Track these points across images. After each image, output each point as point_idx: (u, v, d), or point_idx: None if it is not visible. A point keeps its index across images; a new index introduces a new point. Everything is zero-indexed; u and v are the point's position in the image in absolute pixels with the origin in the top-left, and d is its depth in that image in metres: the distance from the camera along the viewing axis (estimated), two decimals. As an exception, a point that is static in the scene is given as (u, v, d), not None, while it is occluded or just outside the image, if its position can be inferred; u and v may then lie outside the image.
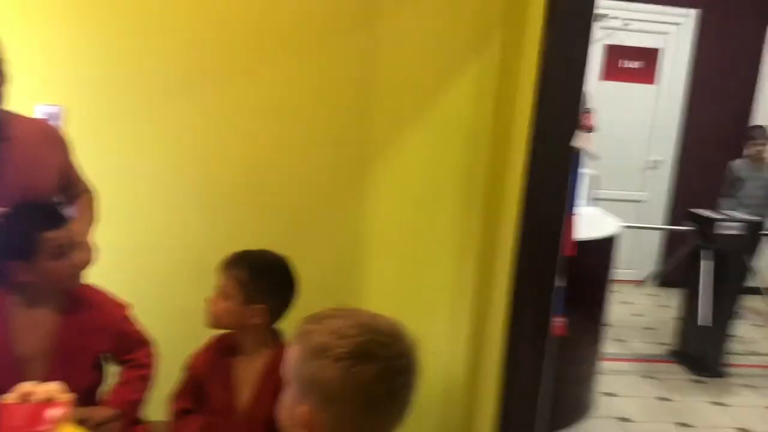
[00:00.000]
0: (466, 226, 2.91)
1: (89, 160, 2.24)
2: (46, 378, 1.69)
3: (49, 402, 1.53)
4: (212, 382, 1.74)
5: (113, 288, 2.05)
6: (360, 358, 1.01)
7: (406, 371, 1.05)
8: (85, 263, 1.84)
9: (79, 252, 1.82)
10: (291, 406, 1.07)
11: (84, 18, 2.63)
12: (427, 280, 2.95)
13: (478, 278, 2.93)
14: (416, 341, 1.09)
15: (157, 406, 1.90)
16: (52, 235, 1.75)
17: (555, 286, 2.38)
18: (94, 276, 2.01)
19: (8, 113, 1.95)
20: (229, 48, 2.72)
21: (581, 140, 2.30)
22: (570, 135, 2.29)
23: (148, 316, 2.07)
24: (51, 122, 2.10)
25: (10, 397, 1.53)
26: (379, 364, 1.02)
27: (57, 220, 1.80)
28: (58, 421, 1.42)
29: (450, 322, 2.99)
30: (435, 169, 2.87)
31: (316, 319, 1.08)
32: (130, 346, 1.91)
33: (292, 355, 1.07)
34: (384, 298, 2.91)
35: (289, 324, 1.82)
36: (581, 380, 3.63)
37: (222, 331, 1.81)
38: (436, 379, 2.95)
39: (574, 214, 2.42)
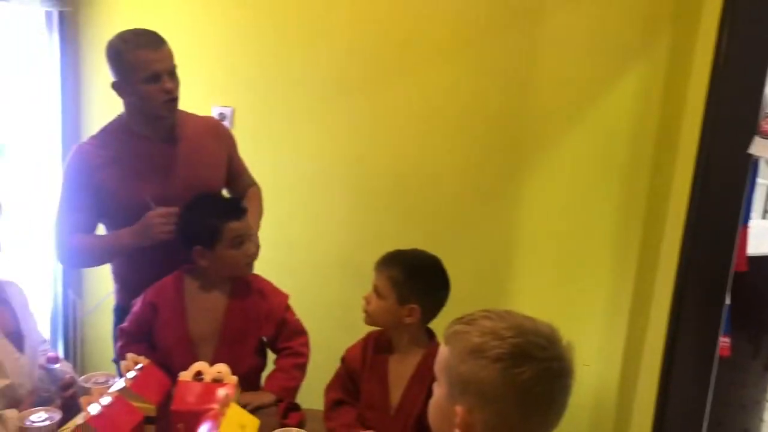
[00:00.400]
0: (626, 234, 2.78)
1: (253, 159, 2.38)
2: (214, 359, 1.84)
3: (218, 382, 1.66)
4: (367, 377, 1.78)
5: (272, 278, 2.16)
6: (518, 359, 1.00)
7: (564, 375, 1.03)
8: (256, 254, 1.97)
9: (250, 244, 1.94)
10: (443, 406, 1.07)
11: (253, 28, 2.81)
12: (581, 289, 2.85)
13: (636, 289, 2.78)
14: (571, 346, 1.06)
15: (307, 395, 1.98)
16: (234, 225, 1.89)
17: (723, 304, 2.22)
18: (256, 266, 2.14)
19: (181, 112, 2.10)
20: (385, 52, 2.79)
21: (759, 147, 2.12)
22: (747, 141, 2.12)
23: (301, 308, 2.17)
24: (218, 118, 2.25)
25: (185, 375, 1.68)
26: (537, 365, 1.00)
27: (239, 211, 1.94)
28: (225, 401, 1.53)
29: (604, 335, 2.86)
30: (593, 172, 2.77)
31: (468, 320, 1.07)
32: (288, 335, 2.00)
33: (444, 356, 1.07)
34: (535, 305, 2.84)
35: (439, 324, 1.84)
36: (747, 406, 3.33)
37: (377, 328, 1.85)
38: (587, 392, 2.84)
39: (747, 227, 2.24)
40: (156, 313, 1.93)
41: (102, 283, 2.93)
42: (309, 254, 2.94)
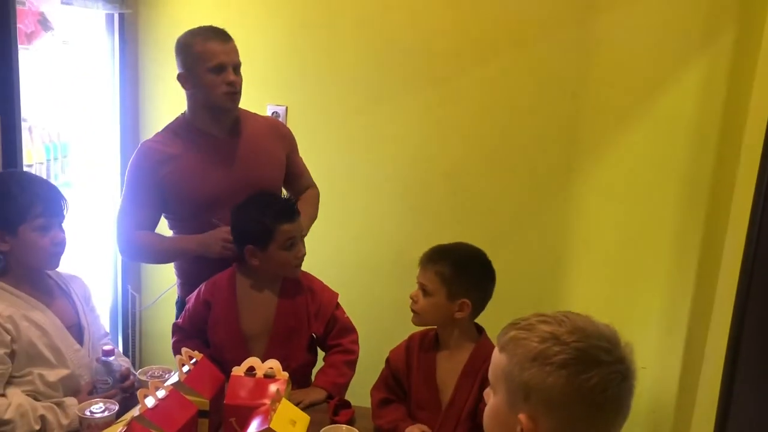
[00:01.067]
0: (686, 234, 2.70)
1: (305, 156, 2.40)
2: (266, 355, 1.85)
3: (270, 378, 1.68)
4: (415, 378, 1.76)
5: (323, 276, 2.18)
6: (584, 365, 0.97)
7: (629, 377, 1.00)
8: (304, 256, 1.98)
9: (301, 245, 1.96)
10: (502, 414, 1.04)
11: (306, 28, 2.84)
12: (639, 290, 2.77)
13: (697, 290, 2.69)
14: (630, 346, 1.03)
15: (357, 393, 1.99)
16: (286, 227, 1.90)
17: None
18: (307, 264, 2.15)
19: (242, 111, 2.17)
20: (438, 49, 2.77)
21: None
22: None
23: (352, 305, 2.18)
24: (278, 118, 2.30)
25: (238, 370, 1.70)
26: (604, 370, 0.97)
27: (292, 213, 1.95)
28: (276, 397, 1.54)
29: (662, 336, 2.79)
30: (652, 171, 2.69)
31: (524, 325, 1.03)
32: (339, 332, 2.01)
33: (501, 363, 1.04)
34: (590, 305, 2.78)
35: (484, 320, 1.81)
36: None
37: (420, 328, 1.83)
38: (644, 395, 2.77)
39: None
40: (209, 310, 1.97)
41: (160, 278, 3.01)
42: (361, 252, 2.95)
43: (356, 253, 2.95)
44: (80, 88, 2.77)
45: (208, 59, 1.99)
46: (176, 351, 1.91)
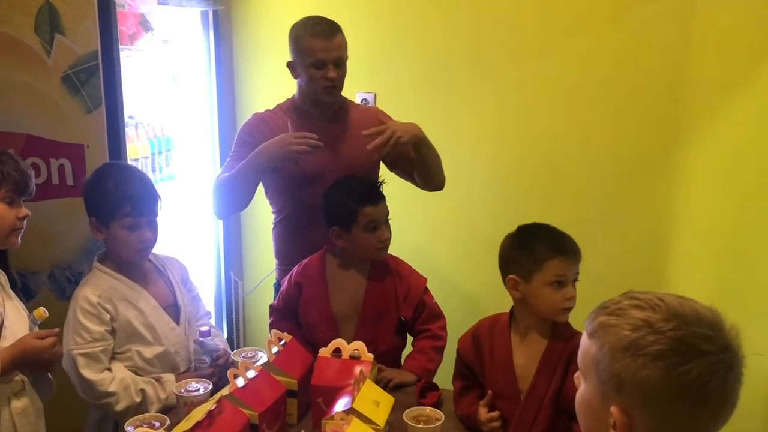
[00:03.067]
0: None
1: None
2: (355, 337, 1.88)
3: (355, 359, 1.70)
4: (488, 367, 1.71)
5: (413, 260, 2.18)
6: (683, 356, 0.88)
7: (736, 365, 0.90)
8: (389, 239, 1.99)
9: (385, 229, 1.97)
10: (593, 405, 0.96)
11: (394, 14, 2.83)
12: (750, 274, 2.56)
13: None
14: (736, 329, 0.93)
15: (443, 377, 1.97)
16: (369, 210, 1.94)
17: None
18: (398, 249, 2.16)
19: (345, 99, 2.28)
20: (527, 27, 2.69)
21: None
22: None
23: (441, 290, 2.17)
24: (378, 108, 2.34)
25: (325, 352, 1.73)
26: (706, 360, 0.88)
27: (376, 197, 1.98)
28: (360, 378, 1.56)
29: None
30: (761, 145, 2.48)
31: (614, 309, 0.95)
32: (427, 317, 2.00)
33: (590, 351, 0.96)
34: (698, 292, 2.61)
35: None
36: None
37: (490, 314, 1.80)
38: (760, 384, 2.57)
39: None
40: (301, 291, 2.02)
41: (262, 264, 3.11)
42: (452, 236, 2.92)
43: (448, 236, 2.92)
44: (181, 84, 2.91)
45: (309, 55, 2.09)
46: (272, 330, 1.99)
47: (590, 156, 2.71)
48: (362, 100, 2.86)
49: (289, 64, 2.18)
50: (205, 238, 3.11)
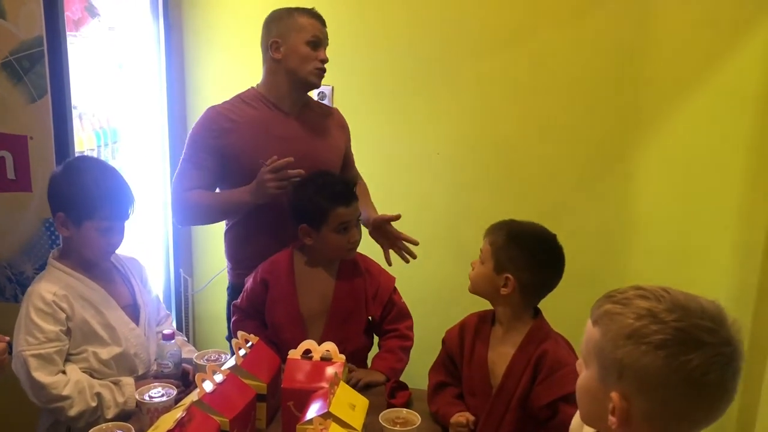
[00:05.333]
0: (752, 213, 2.57)
1: (355, 137, 2.35)
2: (324, 337, 1.83)
3: (326, 361, 1.65)
4: (466, 364, 1.70)
5: (374, 256, 2.14)
6: (685, 346, 0.90)
7: (736, 358, 0.93)
8: (358, 241, 1.94)
9: (356, 230, 1.92)
10: (594, 390, 0.99)
11: (353, 8, 2.80)
12: (700, 275, 2.66)
13: (764, 267, 2.56)
14: (738, 324, 0.95)
15: (410, 374, 1.96)
16: (342, 210, 1.87)
17: None
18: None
19: (310, 98, 2.24)
20: (488, 23, 2.69)
21: None
22: None
23: (404, 285, 2.14)
24: (318, 98, 2.32)
25: (295, 353, 1.68)
26: (707, 352, 0.90)
27: (350, 198, 1.91)
28: (335, 380, 1.52)
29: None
30: (715, 144, 2.57)
31: (620, 299, 0.98)
32: (395, 317, 1.98)
33: (594, 337, 0.99)
34: (649, 281, 2.69)
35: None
36: None
37: (477, 311, 1.77)
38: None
39: None
40: (267, 289, 1.95)
41: (212, 262, 3.02)
42: (412, 231, 2.88)
43: (409, 231, 2.89)
44: (128, 72, 2.78)
45: (307, 31, 2.05)
46: (235, 331, 1.88)
47: (548, 152, 2.74)
48: (319, 93, 2.81)
49: (273, 45, 2.07)
50: (155, 234, 2.99)
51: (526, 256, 1.63)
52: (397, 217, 2.10)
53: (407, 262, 2.18)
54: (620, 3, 2.59)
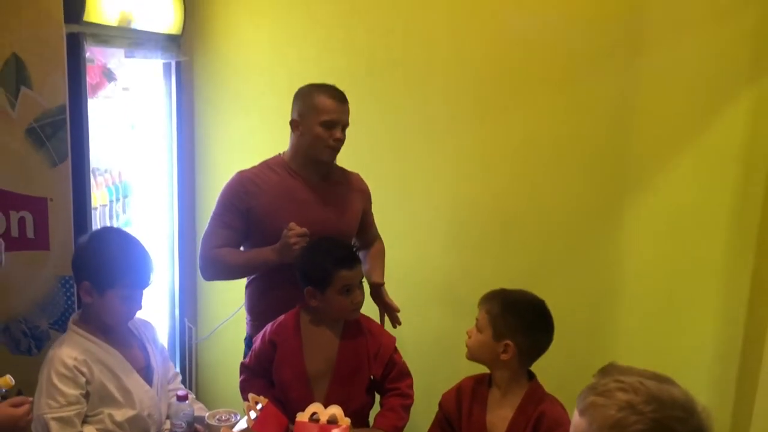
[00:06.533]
0: (738, 268, 2.69)
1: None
2: (328, 395, 1.93)
3: (333, 424, 1.75)
4: (464, 424, 1.80)
5: (372, 313, 2.25)
6: None
7: None
8: (361, 303, 2.05)
9: (358, 292, 2.03)
10: None
11: (359, 69, 2.90)
12: (689, 327, 2.77)
13: (749, 321, 2.67)
14: (708, 411, 1.08)
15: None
16: (345, 273, 1.98)
17: None
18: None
19: (334, 165, 2.37)
20: (485, 88, 2.82)
21: None
22: None
23: (403, 338, 2.24)
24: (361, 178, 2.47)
25: (303, 416, 1.77)
26: None
27: (352, 261, 2.03)
28: (341, 442, 1.61)
29: (713, 381, 2.77)
30: (702, 201, 2.70)
31: (602, 391, 1.10)
32: (396, 376, 2.07)
33: (581, 427, 1.10)
34: (640, 336, 2.80)
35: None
36: None
37: (474, 374, 1.88)
38: None
39: None
40: (275, 350, 2.04)
41: (216, 311, 3.11)
42: (409, 288, 2.97)
43: (404, 286, 2.98)
44: (140, 131, 2.90)
45: (323, 113, 2.16)
46: (243, 390, 2.03)
47: (540, 210, 2.86)
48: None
49: (293, 122, 2.23)
50: (160, 282, 3.09)
51: (523, 323, 1.77)
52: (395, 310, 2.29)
53: (394, 327, 2.35)
54: (607, 70, 2.72)
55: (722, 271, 2.73)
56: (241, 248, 2.30)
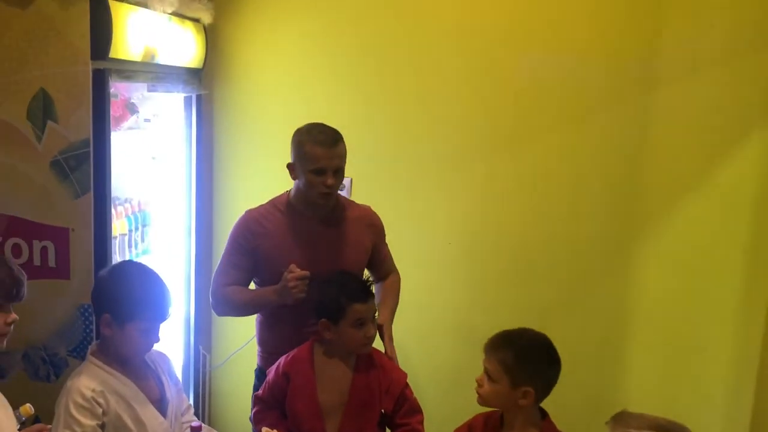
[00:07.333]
0: (750, 309, 2.68)
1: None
2: (340, 428, 1.94)
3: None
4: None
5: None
6: None
7: None
8: (374, 336, 2.08)
9: (371, 326, 2.05)
10: None
11: (370, 103, 2.99)
12: (701, 368, 2.76)
13: (764, 371, 2.65)
14: None
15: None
16: (359, 307, 2.01)
17: None
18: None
19: (343, 199, 2.40)
20: (499, 123, 2.87)
21: None
22: None
23: (414, 370, 2.26)
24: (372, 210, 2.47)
25: (315, 451, 1.79)
26: None
27: (366, 295, 2.06)
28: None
29: (727, 420, 2.75)
30: (714, 242, 2.71)
31: None
32: (407, 411, 2.08)
33: None
34: (649, 381, 2.80)
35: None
36: None
37: (486, 411, 1.88)
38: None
39: None
40: (288, 382, 2.07)
41: (230, 339, 3.14)
42: (420, 322, 3.00)
43: (415, 321, 3.00)
44: (160, 162, 2.97)
45: (311, 161, 2.17)
46: (257, 422, 2.06)
47: (553, 246, 2.88)
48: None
49: (289, 166, 2.25)
50: (176, 310, 3.12)
51: (540, 367, 1.77)
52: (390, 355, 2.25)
53: None
54: (621, 108, 2.76)
55: (735, 314, 2.72)
56: (252, 283, 2.34)
